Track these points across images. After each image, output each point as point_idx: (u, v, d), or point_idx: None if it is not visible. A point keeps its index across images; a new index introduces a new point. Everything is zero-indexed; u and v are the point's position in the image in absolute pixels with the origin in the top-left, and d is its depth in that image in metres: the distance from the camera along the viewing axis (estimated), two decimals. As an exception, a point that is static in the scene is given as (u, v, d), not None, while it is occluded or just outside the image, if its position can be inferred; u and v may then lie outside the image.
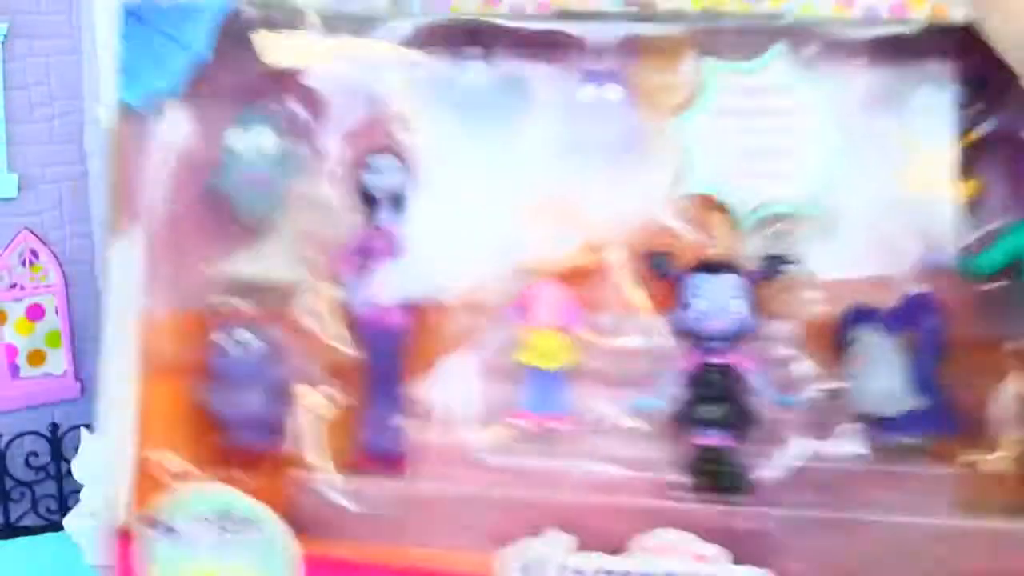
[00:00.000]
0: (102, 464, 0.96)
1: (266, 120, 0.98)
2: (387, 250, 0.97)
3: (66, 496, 1.35)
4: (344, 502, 0.92)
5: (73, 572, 1.27)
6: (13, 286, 1.33)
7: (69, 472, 1.30)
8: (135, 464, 0.93)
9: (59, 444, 1.34)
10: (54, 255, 1.33)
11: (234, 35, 0.95)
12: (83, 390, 1.36)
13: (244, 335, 0.97)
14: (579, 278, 0.96)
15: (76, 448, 1.28)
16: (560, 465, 0.93)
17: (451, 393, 0.95)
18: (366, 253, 0.97)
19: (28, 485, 1.34)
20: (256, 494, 0.90)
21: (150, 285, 0.95)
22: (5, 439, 1.32)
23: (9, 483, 1.33)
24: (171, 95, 0.95)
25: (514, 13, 0.94)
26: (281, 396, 0.96)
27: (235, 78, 0.97)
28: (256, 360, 0.96)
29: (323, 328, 0.96)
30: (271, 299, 0.98)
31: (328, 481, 0.93)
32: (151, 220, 0.95)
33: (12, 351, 1.34)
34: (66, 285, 1.34)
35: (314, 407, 0.95)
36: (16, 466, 1.33)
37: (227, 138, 0.98)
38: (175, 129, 0.96)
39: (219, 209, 0.99)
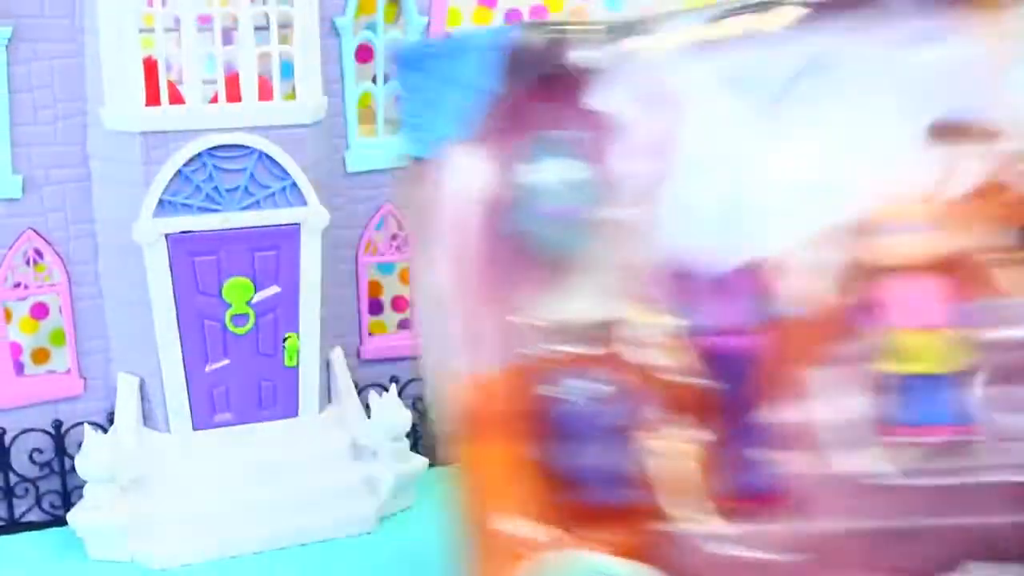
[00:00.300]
0: (452, 540, 0.86)
1: (559, 149, 0.89)
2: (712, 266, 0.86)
3: (69, 492, 1.36)
4: (730, 552, 0.81)
5: (76, 567, 1.29)
6: (17, 285, 1.34)
7: (72, 468, 1.32)
8: (483, 536, 0.84)
9: (62, 440, 1.36)
10: (58, 255, 1.34)
11: (514, 66, 0.87)
12: (86, 387, 1.38)
13: (576, 383, 0.87)
14: (941, 265, 0.81)
15: (79, 444, 1.31)
16: (967, 482, 0.78)
17: (817, 415, 0.83)
18: (690, 273, 0.86)
19: (32, 481, 1.36)
20: (624, 555, 0.81)
21: (465, 343, 0.87)
22: (9, 435, 1.34)
23: (13, 479, 1.35)
24: (458, 140, 0.88)
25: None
26: (629, 443, 0.85)
27: (520, 110, 0.88)
28: (593, 408, 0.87)
29: (660, 362, 0.85)
30: (596, 339, 0.87)
31: (704, 531, 0.81)
32: (456, 273, 0.88)
33: (17, 349, 1.35)
34: (70, 284, 1.35)
35: (670, 450, 0.84)
36: (20, 462, 1.35)
37: (521, 174, 0.89)
38: (467, 174, 0.88)
39: (523, 251, 0.89)
